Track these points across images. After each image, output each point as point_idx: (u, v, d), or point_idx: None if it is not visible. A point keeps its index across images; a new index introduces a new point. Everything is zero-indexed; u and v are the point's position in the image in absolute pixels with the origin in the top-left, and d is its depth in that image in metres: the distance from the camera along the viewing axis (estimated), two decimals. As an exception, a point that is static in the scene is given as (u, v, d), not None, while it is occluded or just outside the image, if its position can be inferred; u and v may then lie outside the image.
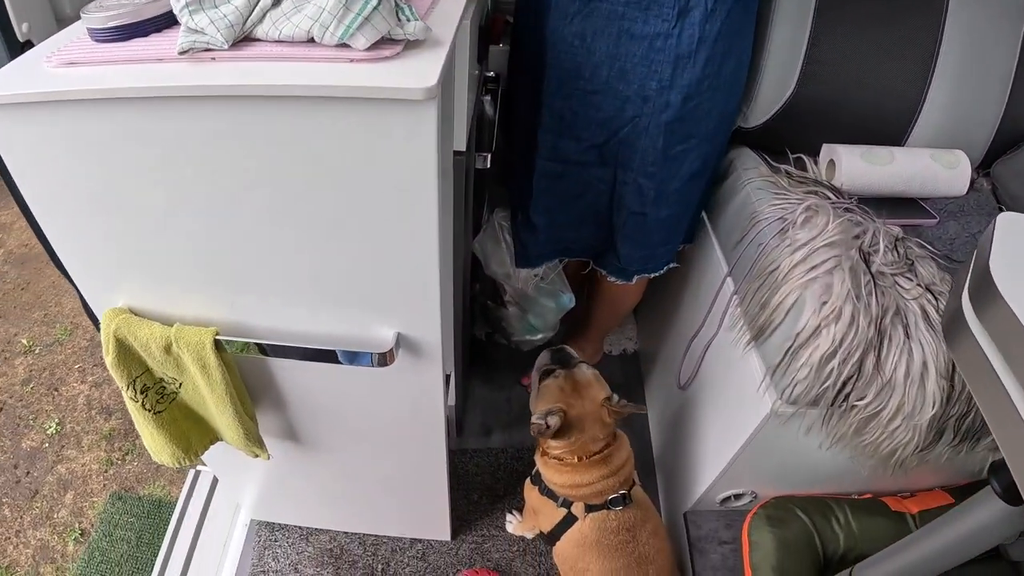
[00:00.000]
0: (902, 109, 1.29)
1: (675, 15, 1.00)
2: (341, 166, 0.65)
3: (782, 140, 1.29)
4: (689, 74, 1.04)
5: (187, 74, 0.61)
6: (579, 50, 1.07)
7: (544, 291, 1.39)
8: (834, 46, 1.22)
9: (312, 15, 0.59)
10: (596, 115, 1.13)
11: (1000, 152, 1.38)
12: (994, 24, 1.29)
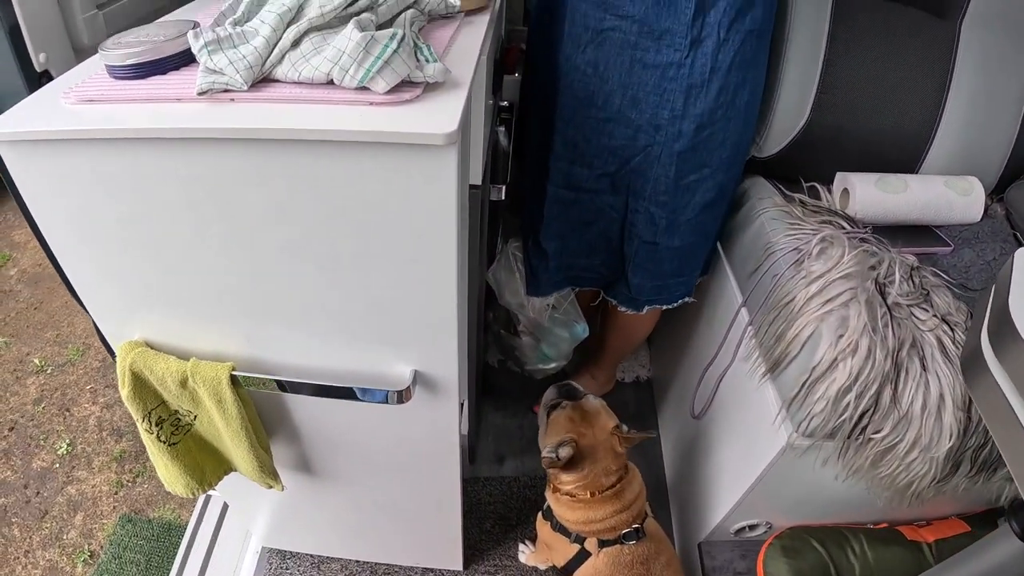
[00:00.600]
0: (915, 136, 1.29)
1: (687, 45, 1.01)
2: (361, 207, 0.65)
3: (796, 169, 1.29)
4: (702, 104, 1.04)
5: (206, 115, 0.62)
6: (592, 78, 1.08)
7: (558, 321, 1.39)
8: (847, 75, 1.23)
9: (331, 58, 0.60)
10: (608, 143, 1.13)
11: (1013, 177, 1.37)
12: (1006, 50, 1.29)
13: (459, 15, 0.84)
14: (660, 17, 1.00)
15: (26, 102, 0.71)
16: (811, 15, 1.22)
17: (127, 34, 0.73)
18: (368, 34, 0.58)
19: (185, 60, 0.70)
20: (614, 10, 1.02)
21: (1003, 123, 1.32)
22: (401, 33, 0.60)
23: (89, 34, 1.10)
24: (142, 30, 0.74)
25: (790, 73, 1.22)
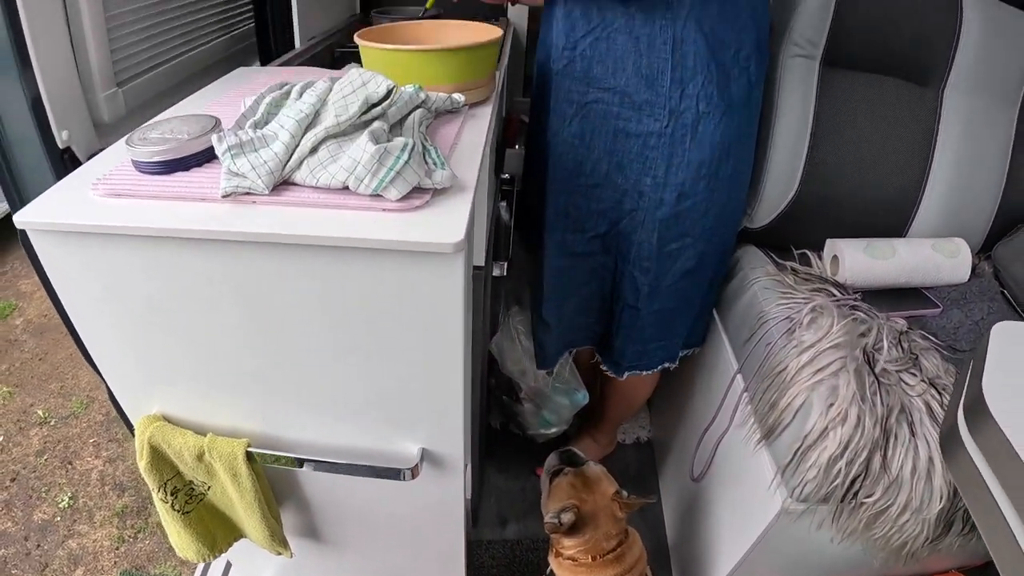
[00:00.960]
0: (903, 201, 1.34)
1: (667, 115, 1.06)
2: (374, 304, 0.69)
3: (787, 237, 1.34)
4: (683, 173, 1.09)
5: (230, 217, 0.66)
6: (579, 148, 1.14)
7: (559, 389, 1.42)
8: (834, 147, 1.28)
9: (347, 167, 0.64)
10: (598, 207, 1.18)
11: (1000, 234, 1.43)
12: (987, 113, 1.35)
13: (464, 108, 0.89)
14: (640, 89, 1.06)
15: (56, 190, 0.75)
16: (797, 90, 1.29)
17: (152, 128, 0.78)
18: (381, 147, 0.62)
19: (208, 156, 0.75)
20: (597, 84, 1.08)
21: (988, 183, 1.38)
22: (411, 143, 0.65)
23: (109, 111, 1.15)
24: (167, 124, 0.79)
25: (778, 147, 1.28)
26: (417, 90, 0.77)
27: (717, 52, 1.03)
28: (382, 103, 0.69)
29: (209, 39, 1.49)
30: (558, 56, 1.11)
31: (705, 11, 1.01)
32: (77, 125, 1.07)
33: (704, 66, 1.03)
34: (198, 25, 1.44)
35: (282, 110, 0.73)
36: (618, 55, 1.05)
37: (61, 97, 1.03)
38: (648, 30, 1.03)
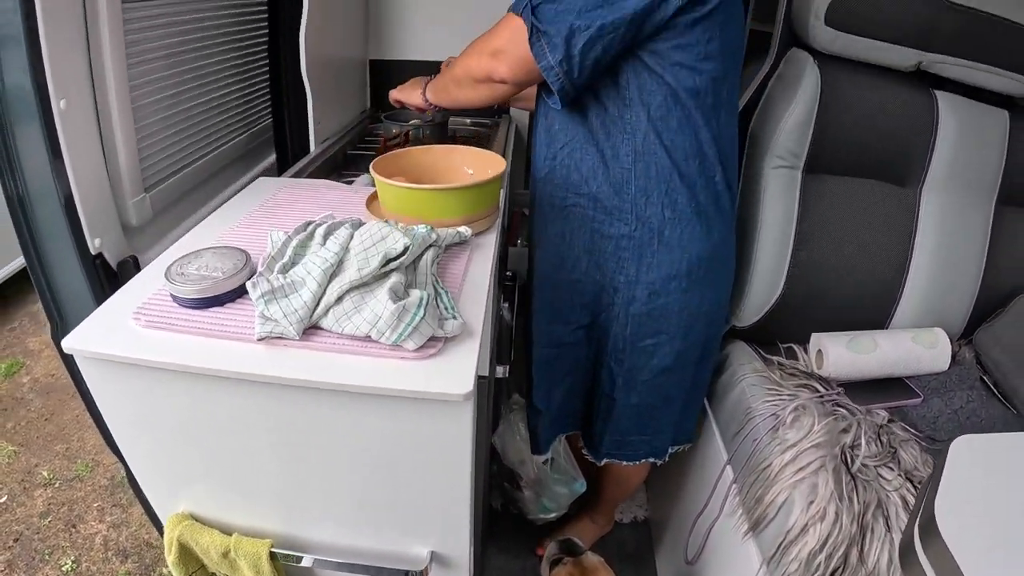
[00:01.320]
0: (885, 295, 1.43)
1: (634, 220, 1.15)
2: (391, 439, 0.76)
3: (774, 333, 1.42)
4: (653, 273, 1.17)
5: (264, 360, 0.73)
6: (561, 246, 1.23)
7: (558, 480, 1.49)
8: (818, 248, 1.37)
9: (370, 320, 0.72)
10: (580, 299, 1.26)
11: (980, 320, 1.50)
12: (964, 207, 1.44)
13: (470, 238, 0.97)
14: (610, 196, 1.15)
15: (99, 315, 0.82)
16: (781, 198, 1.38)
17: (189, 262, 0.85)
18: (400, 305, 0.70)
19: (239, 292, 0.83)
20: (574, 189, 1.18)
21: (966, 273, 1.46)
22: (426, 298, 0.73)
23: (137, 216, 1.23)
24: (201, 258, 0.86)
25: (763, 251, 1.37)
26: (429, 232, 0.86)
27: (679, 163, 1.11)
28: (399, 257, 0.77)
29: (229, 139, 1.58)
30: (541, 164, 1.22)
31: (665, 125, 1.09)
32: (108, 232, 1.15)
33: (666, 177, 1.12)
34: (219, 127, 1.53)
35: (308, 254, 0.81)
36: (589, 165, 1.15)
37: (94, 206, 1.11)
38: (611, 143, 1.12)
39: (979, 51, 1.37)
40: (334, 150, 1.58)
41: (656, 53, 1.04)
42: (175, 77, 1.33)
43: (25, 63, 0.98)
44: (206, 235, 1.02)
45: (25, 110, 1.01)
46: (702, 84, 1.07)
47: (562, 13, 0.99)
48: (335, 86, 1.73)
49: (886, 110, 1.36)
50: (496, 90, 1.13)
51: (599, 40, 0.99)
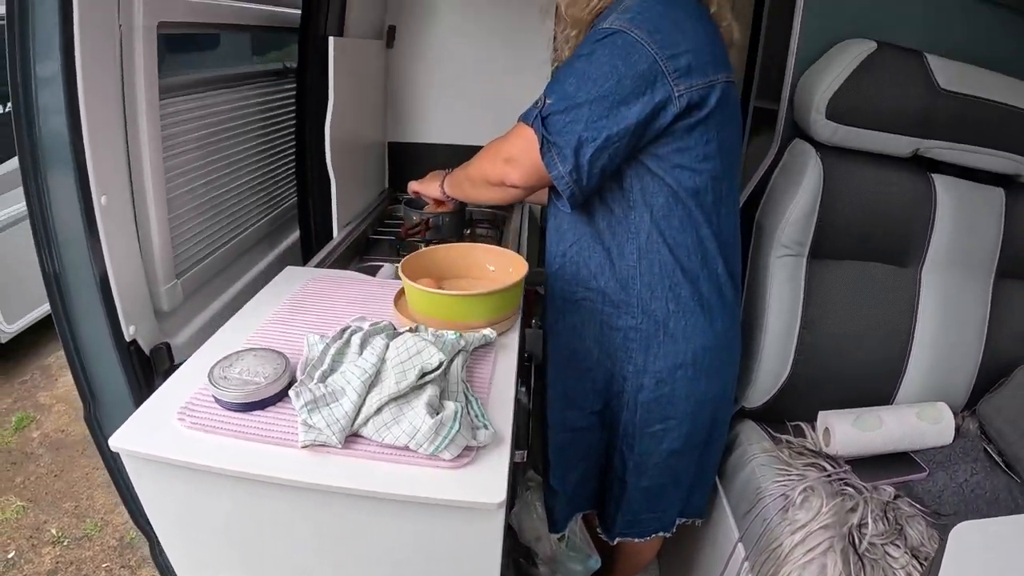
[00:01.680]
0: (889, 372, 1.48)
1: (640, 313, 1.20)
2: (424, 539, 0.79)
3: (782, 413, 1.46)
4: (660, 363, 1.22)
5: (308, 466, 0.77)
6: (573, 338, 1.28)
7: (572, 557, 1.51)
8: (823, 331, 1.42)
9: (408, 432, 0.76)
10: (592, 386, 1.31)
11: (982, 392, 1.54)
12: (964, 285, 1.50)
13: (495, 339, 1.01)
14: (617, 291, 1.21)
15: (143, 413, 0.85)
16: (786, 285, 1.43)
17: (231, 365, 0.89)
18: (437, 420, 0.75)
19: (280, 397, 0.87)
20: (583, 284, 1.23)
21: (968, 347, 1.51)
22: (460, 410, 0.77)
23: (169, 301, 1.28)
24: (242, 360, 0.90)
25: (770, 336, 1.42)
26: (458, 339, 0.90)
27: (682, 259, 1.17)
28: (435, 371, 0.82)
29: (255, 221, 1.64)
30: (552, 260, 1.29)
31: (667, 224, 1.15)
32: (142, 319, 1.20)
33: (670, 272, 1.17)
34: (246, 210, 1.59)
35: (345, 362, 0.86)
36: (597, 262, 1.21)
37: (129, 295, 1.16)
38: (617, 242, 1.19)
39: (973, 134, 1.44)
40: (356, 234, 1.64)
41: (658, 157, 1.11)
42: (207, 165, 1.39)
43: (70, 164, 1.04)
44: (240, 329, 1.06)
45: (68, 207, 1.06)
46: (702, 183, 1.13)
47: (570, 124, 1.07)
48: (356, 169, 1.81)
49: (886, 196, 1.43)
50: (508, 193, 1.21)
51: (605, 150, 1.07)
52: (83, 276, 1.10)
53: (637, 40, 1.04)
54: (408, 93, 2.10)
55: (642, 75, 1.04)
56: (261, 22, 1.67)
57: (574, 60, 1.11)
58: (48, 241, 1.08)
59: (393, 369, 0.81)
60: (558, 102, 1.08)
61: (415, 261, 1.11)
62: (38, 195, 1.05)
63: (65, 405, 2.94)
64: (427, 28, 2.06)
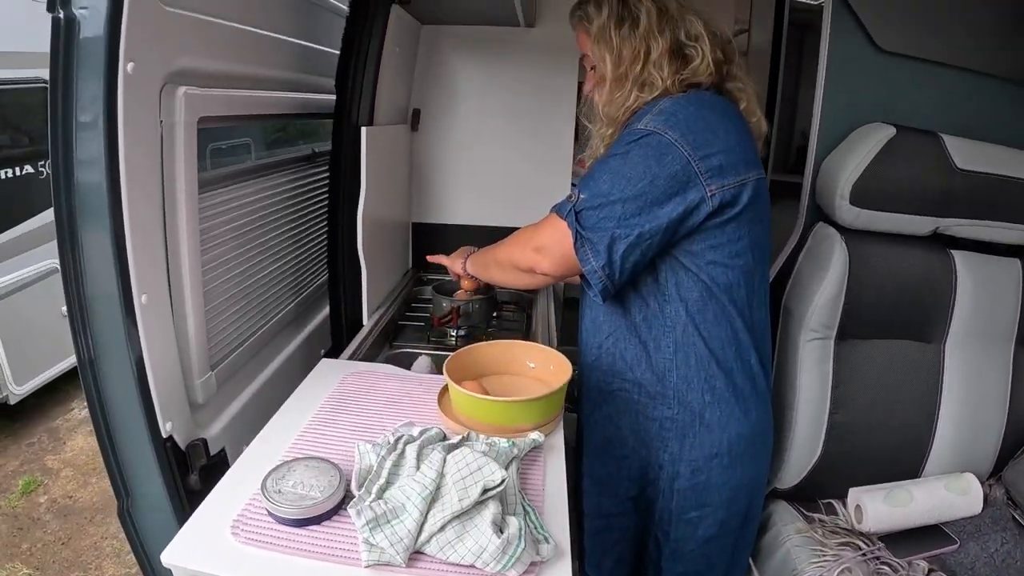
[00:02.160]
0: (916, 446, 1.49)
1: (676, 404, 1.21)
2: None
3: (814, 492, 1.47)
4: (696, 452, 1.22)
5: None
6: (608, 427, 1.29)
7: None
8: (852, 411, 1.44)
9: (474, 551, 0.76)
10: (627, 473, 1.31)
11: (1007, 458, 1.56)
12: (986, 358, 1.52)
13: (543, 441, 1.02)
14: (653, 382, 1.22)
15: (194, 526, 0.84)
16: (816, 368, 1.45)
17: (283, 477, 0.89)
18: (504, 538, 0.75)
19: (336, 511, 0.86)
20: (619, 376, 1.24)
21: (992, 416, 1.53)
22: (524, 528, 0.77)
23: (203, 394, 1.28)
24: (294, 472, 0.90)
25: (801, 418, 1.44)
26: (511, 447, 0.91)
27: (716, 352, 1.18)
28: (496, 488, 0.82)
29: (285, 306, 1.65)
30: (588, 351, 1.30)
31: (702, 318, 1.17)
32: (178, 414, 1.20)
33: (705, 365, 1.18)
34: (277, 295, 1.60)
35: (402, 475, 0.86)
36: (633, 354, 1.23)
37: (166, 391, 1.15)
38: (653, 336, 1.20)
39: (990, 209, 1.48)
40: (384, 321, 1.66)
41: (691, 253, 1.14)
42: (241, 255, 1.41)
43: (113, 266, 1.04)
44: (283, 429, 1.06)
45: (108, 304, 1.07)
46: (735, 278, 1.15)
47: (603, 220, 1.09)
48: (384, 252, 1.84)
49: (908, 275, 1.45)
50: (537, 280, 1.24)
51: (638, 246, 1.09)
52: (120, 370, 1.10)
53: (671, 142, 1.07)
54: (432, 175, 2.15)
55: (675, 176, 1.07)
56: (294, 110, 1.70)
57: (609, 158, 1.13)
58: (85, 332, 1.08)
59: (455, 485, 0.81)
60: (592, 198, 1.10)
61: (457, 362, 1.12)
62: (77, 288, 1.05)
63: (73, 470, 2.91)
64: (451, 112, 2.11)
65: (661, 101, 1.14)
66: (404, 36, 1.85)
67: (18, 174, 3.04)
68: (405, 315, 1.81)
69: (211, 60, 1.24)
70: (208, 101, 1.21)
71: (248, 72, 1.39)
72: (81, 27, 0.95)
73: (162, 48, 1.08)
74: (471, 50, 2.08)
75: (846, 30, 1.49)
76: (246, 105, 1.41)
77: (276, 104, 1.59)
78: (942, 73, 1.54)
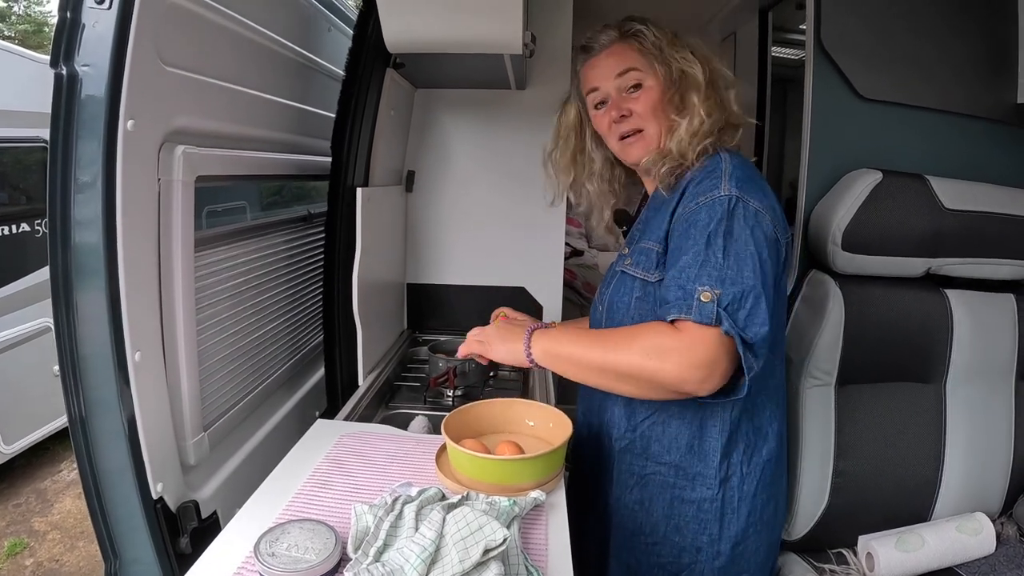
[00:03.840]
0: (925, 489, 1.47)
1: (717, 484, 1.15)
2: None
3: (823, 541, 1.44)
4: (735, 527, 1.17)
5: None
6: (639, 513, 1.21)
7: None
8: (857, 457, 1.43)
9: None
10: (658, 560, 1.23)
11: (1016, 494, 1.54)
12: (987, 395, 1.52)
13: (544, 500, 0.99)
14: (693, 463, 1.16)
15: None
16: (819, 414, 1.44)
17: (277, 539, 0.86)
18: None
19: (332, 574, 0.84)
20: (655, 459, 1.18)
21: (999, 453, 1.51)
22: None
23: (196, 455, 1.26)
24: (289, 535, 0.87)
25: (807, 468, 1.43)
26: (512, 505, 0.89)
27: (754, 418, 1.15)
28: (498, 548, 0.80)
29: (279, 367, 1.64)
30: (619, 436, 1.21)
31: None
32: (169, 475, 1.17)
33: (744, 435, 1.15)
34: (271, 356, 1.59)
35: (400, 536, 0.84)
36: (673, 434, 1.16)
37: (157, 451, 1.13)
38: (701, 415, 1.14)
39: (980, 247, 1.49)
40: (380, 382, 1.65)
41: None
42: (236, 315, 1.40)
43: (107, 322, 1.04)
44: (277, 492, 1.03)
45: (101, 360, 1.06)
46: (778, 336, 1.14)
47: (755, 313, 0.96)
48: (379, 314, 1.83)
49: (904, 317, 1.46)
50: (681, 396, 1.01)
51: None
52: (111, 429, 1.08)
53: (758, 209, 1.03)
54: (427, 235, 2.16)
55: (773, 240, 1.03)
56: (290, 171, 1.73)
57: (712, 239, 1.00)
58: (77, 390, 1.06)
59: (455, 546, 0.79)
60: (729, 289, 0.96)
61: (456, 420, 1.10)
62: (70, 347, 1.04)
63: (60, 533, 2.84)
64: (445, 173, 2.13)
65: (718, 162, 1.08)
66: (399, 99, 1.88)
67: (14, 232, 3.06)
68: (401, 376, 1.79)
69: (209, 120, 1.26)
70: (206, 160, 1.23)
71: (245, 133, 1.41)
72: (83, 84, 0.97)
73: (162, 107, 1.10)
74: (464, 112, 2.12)
75: (828, 80, 1.53)
76: (243, 165, 1.43)
77: (272, 165, 1.61)
78: (924, 117, 1.57)
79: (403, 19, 1.41)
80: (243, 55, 1.38)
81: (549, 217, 2.10)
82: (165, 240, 1.15)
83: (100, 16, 0.96)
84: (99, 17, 0.96)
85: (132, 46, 0.99)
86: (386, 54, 1.60)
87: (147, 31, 1.02)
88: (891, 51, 1.55)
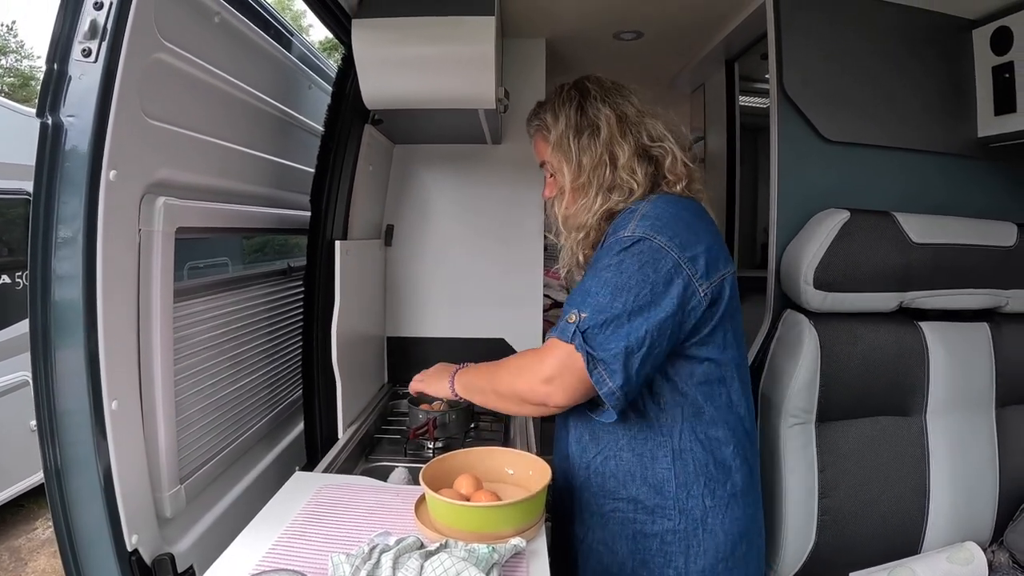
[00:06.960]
0: (912, 522, 1.48)
1: (677, 515, 1.15)
2: None
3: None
4: (702, 560, 1.16)
5: None
6: (604, 552, 1.20)
7: None
8: (842, 495, 1.43)
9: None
10: None
11: (1006, 521, 1.54)
12: (968, 425, 1.53)
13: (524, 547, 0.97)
14: (650, 496, 1.16)
15: None
16: (800, 453, 1.44)
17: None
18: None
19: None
20: (612, 495, 1.18)
21: (984, 481, 1.53)
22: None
23: (172, 507, 1.23)
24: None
25: (791, 508, 1.42)
26: (491, 552, 0.88)
27: (715, 452, 1.15)
28: (476, 592, 0.79)
29: (258, 420, 1.63)
30: (575, 473, 1.23)
31: (698, 421, 1.14)
32: (145, 527, 1.15)
33: (703, 467, 1.15)
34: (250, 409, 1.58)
35: None
36: (626, 469, 1.17)
37: (133, 502, 1.12)
38: (650, 446, 1.16)
39: (950, 278, 1.52)
40: (360, 435, 1.64)
41: (685, 356, 1.12)
42: (215, 367, 1.40)
43: (84, 371, 1.03)
44: (253, 543, 1.02)
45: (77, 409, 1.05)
46: (728, 373, 1.15)
47: (612, 337, 1.04)
48: (359, 366, 1.83)
49: (880, 352, 1.47)
50: (548, 411, 1.15)
51: (649, 357, 1.05)
52: (87, 479, 1.07)
53: (661, 246, 1.07)
54: (406, 289, 2.18)
55: (671, 280, 1.07)
56: (270, 224, 1.74)
57: (600, 271, 1.10)
58: (53, 441, 1.05)
59: (432, 594, 0.79)
60: (595, 315, 1.06)
61: (435, 469, 1.09)
62: (48, 400, 1.04)
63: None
64: (423, 226, 2.17)
65: (640, 205, 1.15)
66: (377, 154, 1.91)
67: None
68: (381, 429, 1.77)
69: (190, 173, 1.28)
70: (186, 212, 1.24)
71: (226, 186, 1.43)
72: (68, 134, 0.99)
73: (144, 158, 1.12)
74: (442, 167, 2.16)
75: (793, 125, 1.58)
76: (223, 218, 1.44)
77: (252, 218, 1.63)
78: (888, 155, 1.63)
79: (380, 76, 1.45)
80: (225, 110, 1.41)
81: (528, 269, 2.14)
82: (144, 290, 1.16)
83: (86, 68, 0.99)
84: (85, 69, 0.99)
85: (116, 98, 1.01)
86: (364, 111, 1.65)
87: (132, 84, 1.04)
88: (851, 95, 1.61)
